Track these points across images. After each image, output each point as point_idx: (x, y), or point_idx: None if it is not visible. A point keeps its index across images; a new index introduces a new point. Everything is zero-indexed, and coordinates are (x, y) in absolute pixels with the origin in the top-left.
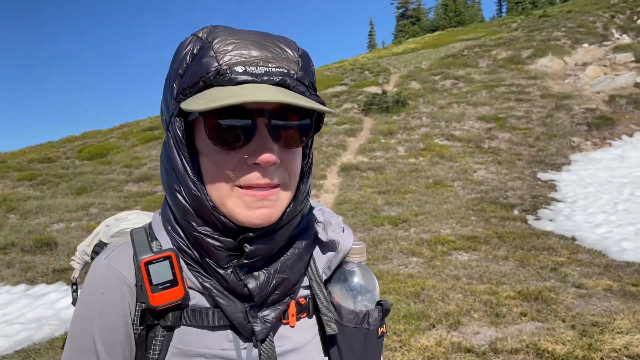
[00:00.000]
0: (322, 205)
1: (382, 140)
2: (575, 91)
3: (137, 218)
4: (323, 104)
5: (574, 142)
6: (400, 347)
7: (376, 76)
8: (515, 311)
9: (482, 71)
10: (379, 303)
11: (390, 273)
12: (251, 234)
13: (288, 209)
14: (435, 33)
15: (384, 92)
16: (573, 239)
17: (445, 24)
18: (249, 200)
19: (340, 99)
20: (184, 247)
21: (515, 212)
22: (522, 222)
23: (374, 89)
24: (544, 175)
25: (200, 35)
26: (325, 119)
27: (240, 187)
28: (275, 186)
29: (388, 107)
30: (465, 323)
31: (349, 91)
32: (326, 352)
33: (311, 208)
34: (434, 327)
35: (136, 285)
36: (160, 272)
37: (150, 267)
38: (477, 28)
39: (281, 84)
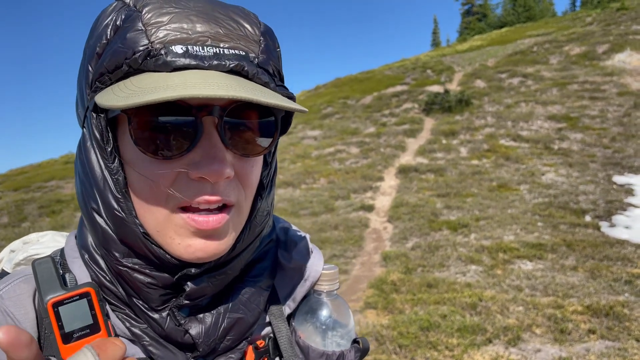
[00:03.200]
0: (284, 220)
1: (443, 141)
2: None
3: (51, 241)
4: (292, 97)
5: None
6: None
7: (439, 75)
8: (583, 328)
9: (553, 68)
10: (355, 341)
11: (446, 282)
12: (193, 271)
13: (243, 235)
14: (503, 29)
15: (447, 91)
16: None
17: (513, 19)
18: (193, 232)
19: (401, 98)
20: (106, 282)
21: (587, 218)
22: (594, 229)
23: (436, 88)
24: (620, 179)
25: (127, 0)
26: (384, 120)
27: (182, 209)
28: (228, 207)
29: (450, 106)
30: (526, 339)
31: (410, 91)
32: None
33: (273, 226)
34: (490, 342)
35: (39, 335)
36: (76, 315)
37: (62, 309)
38: (549, 23)
39: (237, 72)
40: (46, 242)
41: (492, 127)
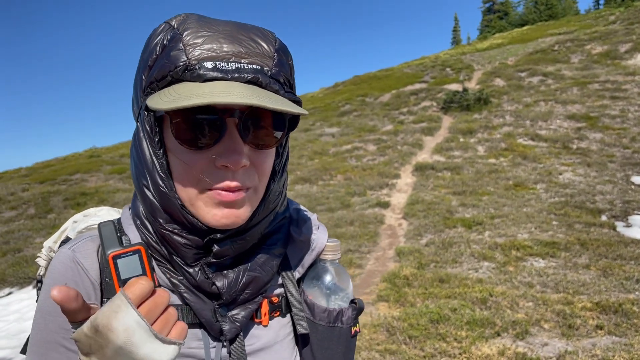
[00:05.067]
0: (297, 203)
1: (461, 140)
2: None
3: (107, 214)
4: (298, 101)
5: None
6: (460, 354)
7: (458, 73)
8: (591, 324)
9: (574, 67)
10: (352, 302)
11: (458, 277)
12: (219, 235)
13: (258, 210)
14: (524, 27)
15: (465, 90)
16: None
17: (535, 17)
18: (217, 203)
19: (419, 96)
20: (153, 243)
21: (603, 217)
22: (609, 228)
23: (454, 87)
24: (638, 179)
25: (172, 23)
26: (402, 117)
27: (209, 189)
28: (245, 189)
29: (469, 105)
30: (534, 333)
31: (429, 89)
32: (299, 351)
33: (288, 206)
34: (498, 335)
35: (101, 281)
36: (130, 267)
37: (119, 261)
38: (571, 21)
39: (253, 82)
40: (103, 215)
41: (511, 126)
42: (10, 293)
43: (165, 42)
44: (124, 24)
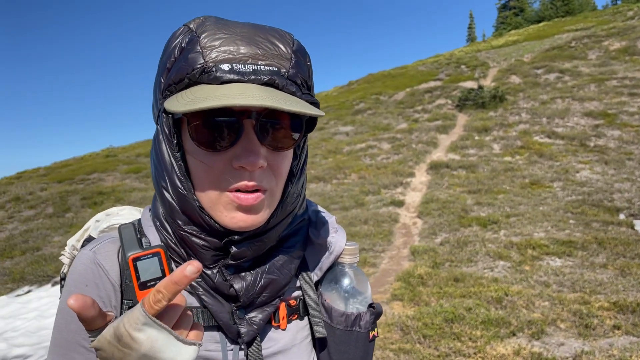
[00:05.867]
0: (316, 204)
1: (476, 138)
2: None
3: (128, 214)
4: (316, 103)
5: None
6: (475, 353)
7: (473, 71)
8: (608, 323)
9: (592, 63)
10: (370, 306)
11: (473, 276)
12: (236, 237)
13: (275, 213)
14: (541, 24)
15: (481, 87)
16: None
17: (551, 14)
18: (236, 207)
19: (434, 94)
20: (172, 244)
21: (621, 216)
22: (627, 227)
23: (469, 84)
24: None
25: (191, 26)
26: (416, 116)
27: (227, 190)
28: (262, 190)
29: (484, 102)
30: (550, 333)
31: (443, 86)
32: (316, 354)
33: (306, 208)
34: (514, 335)
35: (121, 283)
36: (149, 269)
37: (139, 263)
38: (588, 17)
39: (270, 84)
40: (124, 214)
41: (527, 124)
42: (29, 291)
43: (183, 45)
44: (143, 24)
